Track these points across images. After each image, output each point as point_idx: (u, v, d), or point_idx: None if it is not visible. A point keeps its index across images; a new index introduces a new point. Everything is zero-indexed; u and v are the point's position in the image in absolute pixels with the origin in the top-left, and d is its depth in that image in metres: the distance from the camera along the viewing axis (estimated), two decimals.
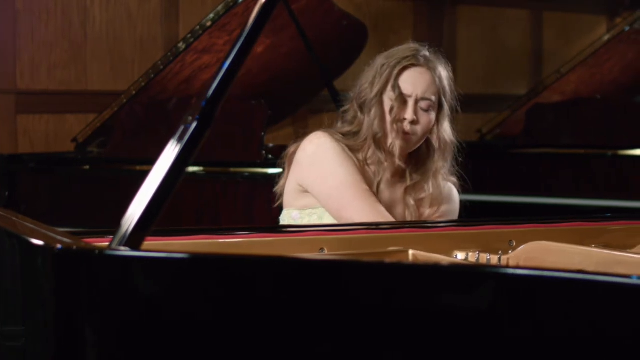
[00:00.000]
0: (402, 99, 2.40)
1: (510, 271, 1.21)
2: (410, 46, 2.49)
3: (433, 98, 2.43)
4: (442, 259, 1.86)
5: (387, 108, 2.40)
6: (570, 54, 6.05)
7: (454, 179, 2.59)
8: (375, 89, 2.42)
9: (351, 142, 2.44)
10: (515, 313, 1.15)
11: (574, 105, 5.62)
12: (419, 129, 2.42)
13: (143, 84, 4.50)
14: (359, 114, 2.45)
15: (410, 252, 1.90)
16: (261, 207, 3.80)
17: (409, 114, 2.40)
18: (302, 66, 4.69)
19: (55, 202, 4.47)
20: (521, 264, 1.99)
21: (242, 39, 1.53)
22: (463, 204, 5.56)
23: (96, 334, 1.43)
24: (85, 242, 1.58)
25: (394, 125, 2.40)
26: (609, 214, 2.48)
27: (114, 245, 1.46)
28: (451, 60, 7.30)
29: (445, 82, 2.47)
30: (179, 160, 1.48)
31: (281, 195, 2.47)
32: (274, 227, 2.22)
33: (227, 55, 1.53)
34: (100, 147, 4.70)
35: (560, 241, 2.04)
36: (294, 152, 2.44)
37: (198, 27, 4.31)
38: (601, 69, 5.89)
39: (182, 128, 1.50)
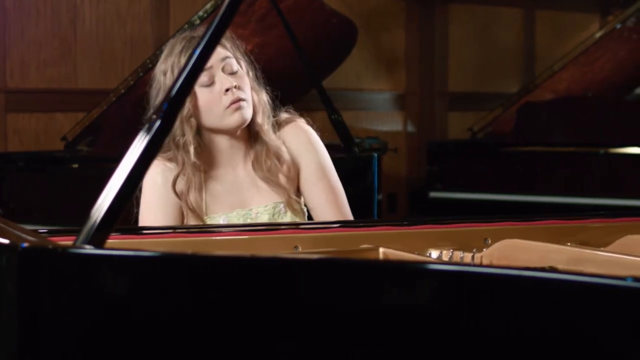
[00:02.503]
0: (208, 86, 2.32)
1: (455, 267, 1.21)
2: (182, 37, 2.39)
3: (229, 54, 2.35)
4: (412, 257, 1.86)
5: (195, 101, 2.33)
6: (562, 53, 6.06)
7: (299, 118, 2.49)
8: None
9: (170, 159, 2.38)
10: (460, 310, 1.15)
11: (565, 103, 5.63)
12: (245, 88, 2.34)
13: (132, 82, 4.50)
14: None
15: (381, 249, 1.90)
16: None
17: (226, 82, 2.31)
18: (291, 65, 4.69)
19: (44, 201, 4.48)
20: (494, 262, 1.99)
21: (205, 39, 1.53)
22: (452, 202, 5.54)
23: (59, 333, 1.43)
24: (49, 241, 1.58)
25: (219, 106, 2.32)
26: (602, 212, 2.48)
27: (77, 243, 1.46)
28: (443, 58, 7.36)
29: (233, 45, 2.39)
30: (141, 158, 1.49)
31: None
32: (248, 225, 2.22)
33: (191, 55, 1.53)
34: (89, 145, 4.71)
35: (536, 239, 2.04)
36: None
37: (187, 25, 4.31)
38: (592, 67, 5.90)
39: (146, 126, 1.51)
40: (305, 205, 2.46)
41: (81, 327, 1.42)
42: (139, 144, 1.50)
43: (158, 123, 1.49)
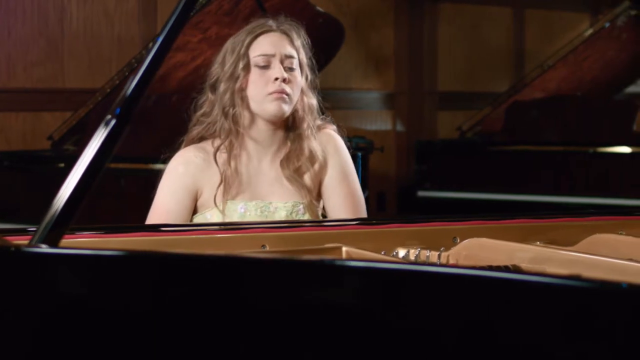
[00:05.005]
0: (262, 68, 2.37)
1: (376, 265, 1.21)
2: (258, 20, 2.46)
3: (294, 54, 2.40)
4: (375, 256, 1.87)
5: (248, 77, 2.38)
6: (552, 52, 6.06)
7: (331, 125, 2.54)
8: (228, 64, 2.39)
9: (206, 133, 2.44)
10: (383, 307, 1.15)
11: (554, 102, 5.64)
12: (293, 87, 2.39)
13: (118, 82, 4.52)
14: (210, 95, 2.44)
15: (344, 248, 1.91)
16: None
17: (278, 72, 2.36)
18: None
19: (30, 200, 4.48)
20: (460, 260, 1.99)
21: (161, 38, 1.53)
22: (440, 200, 5.54)
23: (16, 333, 1.43)
24: (5, 240, 1.59)
25: (263, 90, 2.37)
26: (572, 211, 2.48)
27: (33, 242, 1.47)
28: (432, 57, 7.36)
29: (302, 46, 2.45)
30: (97, 157, 1.49)
31: None
32: (217, 224, 2.23)
33: (146, 55, 1.54)
34: (75, 145, 4.72)
35: (506, 238, 2.04)
36: None
37: None
38: (581, 66, 5.91)
39: (102, 125, 1.51)
40: (323, 210, 2.50)
41: (36, 327, 1.42)
42: (95, 142, 1.50)
43: (114, 121, 1.49)
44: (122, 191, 4.31)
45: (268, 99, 2.37)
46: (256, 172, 2.43)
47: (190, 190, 2.40)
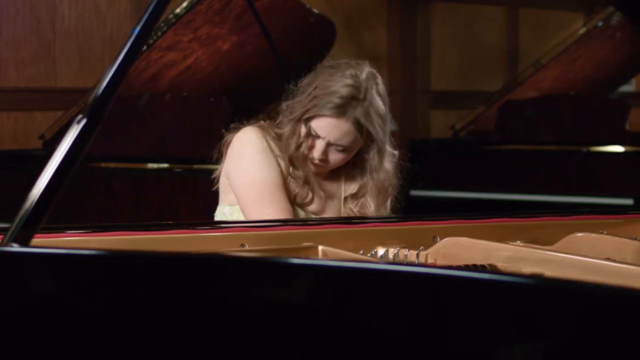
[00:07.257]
0: (313, 137, 2.36)
1: (328, 263, 1.22)
2: (346, 82, 2.35)
3: (346, 144, 2.37)
4: (352, 255, 1.87)
5: (299, 135, 2.38)
6: (545, 51, 6.06)
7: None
8: (295, 113, 2.37)
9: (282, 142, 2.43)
10: (336, 306, 1.15)
11: (547, 101, 5.64)
12: (329, 165, 2.42)
13: None
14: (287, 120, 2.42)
15: (320, 247, 1.91)
16: None
17: (317, 153, 2.37)
18: (269, 63, 4.69)
19: (23, 199, 4.47)
20: (439, 260, 2.00)
21: (133, 36, 1.53)
22: (433, 200, 5.53)
23: None
24: None
25: (304, 153, 2.39)
26: (552, 210, 2.48)
27: (4, 242, 1.47)
28: (425, 57, 7.32)
29: (375, 130, 2.42)
30: (68, 156, 1.50)
31: (218, 180, 2.48)
32: (197, 223, 2.23)
33: (118, 54, 1.54)
34: None
35: (486, 237, 2.04)
36: (230, 142, 2.43)
37: (162, 24, 4.31)
38: (574, 66, 5.90)
39: (73, 124, 1.52)
40: None
41: (6, 326, 1.43)
42: (67, 142, 1.50)
43: (85, 120, 1.50)
44: (113, 190, 4.31)
45: (308, 159, 2.39)
46: (318, 183, 2.46)
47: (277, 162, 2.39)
